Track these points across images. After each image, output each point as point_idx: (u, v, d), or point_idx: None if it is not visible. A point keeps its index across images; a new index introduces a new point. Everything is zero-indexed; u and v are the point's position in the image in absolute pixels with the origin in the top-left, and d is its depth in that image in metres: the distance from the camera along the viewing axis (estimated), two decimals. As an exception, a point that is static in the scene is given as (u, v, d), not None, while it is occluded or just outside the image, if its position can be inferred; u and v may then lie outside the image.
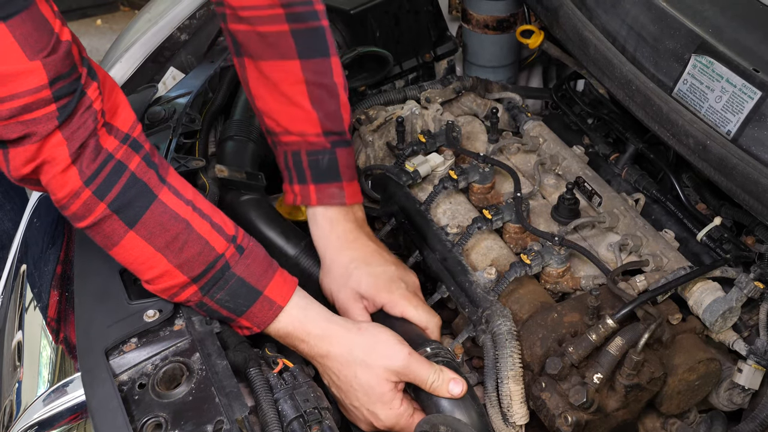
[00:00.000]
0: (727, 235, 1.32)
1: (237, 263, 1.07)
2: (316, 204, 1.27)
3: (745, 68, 1.17)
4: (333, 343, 1.11)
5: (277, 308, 1.09)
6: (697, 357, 1.18)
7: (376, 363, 1.09)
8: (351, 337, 1.11)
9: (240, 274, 1.07)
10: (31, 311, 1.28)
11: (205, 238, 1.05)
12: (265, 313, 1.09)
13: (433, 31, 1.75)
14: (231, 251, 1.07)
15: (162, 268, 1.04)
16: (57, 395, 1.12)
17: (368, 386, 1.09)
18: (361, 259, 1.24)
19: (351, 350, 1.10)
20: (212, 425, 0.96)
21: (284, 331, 1.11)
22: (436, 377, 1.09)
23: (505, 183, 1.48)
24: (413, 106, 1.58)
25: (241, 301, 1.08)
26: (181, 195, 1.06)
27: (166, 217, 1.03)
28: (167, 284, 1.06)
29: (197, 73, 1.61)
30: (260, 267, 1.10)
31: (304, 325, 1.11)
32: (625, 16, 1.37)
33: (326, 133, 1.26)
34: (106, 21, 4.64)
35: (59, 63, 0.93)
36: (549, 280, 1.30)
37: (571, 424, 1.11)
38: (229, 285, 1.07)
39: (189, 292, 1.07)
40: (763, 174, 1.15)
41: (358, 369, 1.10)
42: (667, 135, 1.31)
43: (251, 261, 1.09)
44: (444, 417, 1.11)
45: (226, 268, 1.06)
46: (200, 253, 1.05)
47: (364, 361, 1.09)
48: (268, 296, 1.08)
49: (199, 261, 1.05)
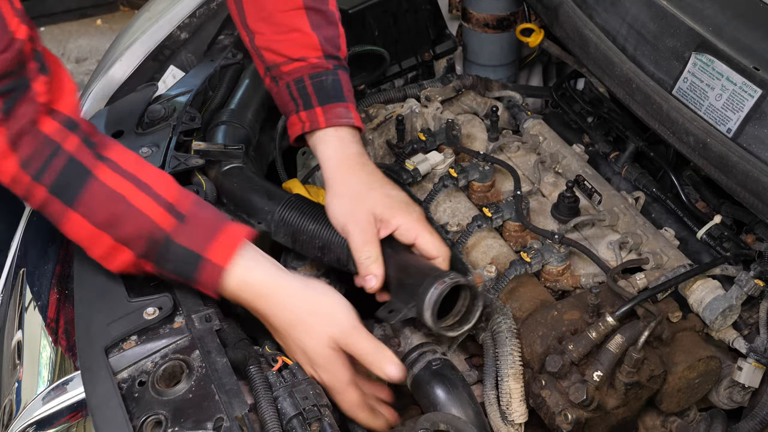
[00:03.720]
0: (727, 233, 1.32)
1: (178, 233, 1.08)
2: (325, 125, 1.25)
3: (745, 66, 1.17)
4: (278, 302, 1.11)
5: (220, 269, 1.08)
6: (697, 355, 1.18)
7: (316, 326, 1.09)
8: (296, 297, 1.11)
9: (182, 243, 1.07)
10: (31, 310, 1.28)
11: (145, 213, 1.06)
12: (210, 276, 1.09)
13: (431, 29, 1.75)
14: (171, 222, 1.07)
15: (107, 244, 1.06)
16: (56, 393, 1.12)
17: (309, 348, 1.09)
18: (376, 181, 1.23)
19: (294, 310, 1.10)
20: (212, 423, 0.96)
21: (234, 292, 1.11)
22: (376, 353, 1.09)
23: (505, 181, 1.48)
24: (413, 104, 1.58)
25: (189, 267, 1.08)
26: (121, 169, 1.07)
27: (103, 196, 1.05)
28: (124, 261, 1.08)
29: (197, 71, 1.61)
30: (202, 231, 1.09)
31: (249, 285, 1.11)
32: (625, 14, 1.37)
33: (327, 56, 1.27)
34: (106, 21, 4.64)
35: (9, 61, 0.97)
36: (549, 278, 1.30)
37: (570, 422, 1.11)
38: (173, 253, 1.08)
39: (148, 267, 1.09)
40: (764, 172, 1.15)
41: (300, 330, 1.10)
42: (667, 133, 1.31)
43: (192, 227, 1.09)
44: (444, 415, 1.11)
45: (168, 241, 1.07)
46: (141, 228, 1.06)
47: (306, 322, 1.10)
48: (211, 259, 1.08)
49: (142, 237, 1.06)
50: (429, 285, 1.09)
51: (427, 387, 1.19)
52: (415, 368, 1.23)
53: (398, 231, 1.19)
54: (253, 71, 1.53)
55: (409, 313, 1.12)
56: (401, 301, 1.14)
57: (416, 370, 1.22)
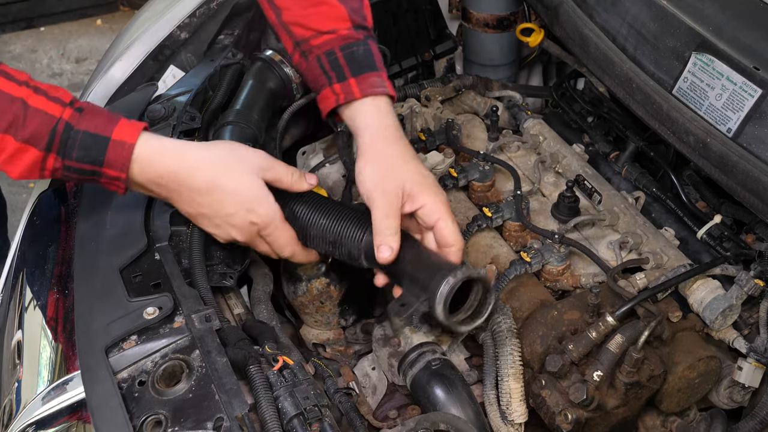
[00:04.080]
0: (727, 233, 1.32)
1: (79, 121, 1.11)
2: (360, 96, 1.25)
3: (746, 66, 1.17)
4: (196, 159, 1.15)
5: (129, 146, 1.12)
6: (697, 355, 1.18)
7: (243, 164, 1.16)
8: (211, 151, 1.17)
9: (84, 128, 1.11)
10: (31, 310, 1.28)
11: (42, 110, 1.10)
12: (120, 154, 1.12)
13: (432, 29, 1.75)
14: (69, 113, 1.11)
15: (12, 147, 1.09)
16: (56, 393, 1.12)
17: (243, 188, 1.15)
18: (411, 156, 1.23)
19: (214, 162, 1.15)
20: (212, 422, 0.96)
21: (144, 166, 1.13)
22: (293, 172, 1.18)
23: (505, 181, 1.48)
24: (413, 104, 1.58)
25: (95, 152, 1.11)
26: (13, 78, 1.11)
27: (2, 101, 1.08)
28: (27, 162, 1.10)
29: (197, 71, 1.61)
30: (103, 119, 1.13)
31: (161, 153, 1.14)
32: (625, 14, 1.37)
33: (356, 26, 1.28)
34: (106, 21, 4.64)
35: None
36: (549, 278, 1.30)
37: (571, 422, 1.11)
38: (79, 140, 1.11)
39: (50, 161, 1.11)
40: (764, 172, 1.15)
41: (227, 176, 1.14)
42: (667, 133, 1.31)
43: (92, 116, 1.13)
44: (444, 415, 1.11)
45: (69, 128, 1.10)
46: (41, 123, 1.09)
47: (230, 165, 1.15)
48: (117, 139, 1.12)
49: (43, 131, 1.09)
50: (441, 278, 1.09)
51: (426, 387, 1.19)
52: (415, 368, 1.23)
53: (422, 210, 1.19)
54: (256, 71, 1.53)
55: (420, 307, 1.12)
56: (413, 296, 1.14)
57: (416, 370, 1.23)
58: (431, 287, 1.09)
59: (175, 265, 1.18)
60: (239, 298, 1.31)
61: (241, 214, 1.15)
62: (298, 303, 1.42)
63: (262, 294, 1.35)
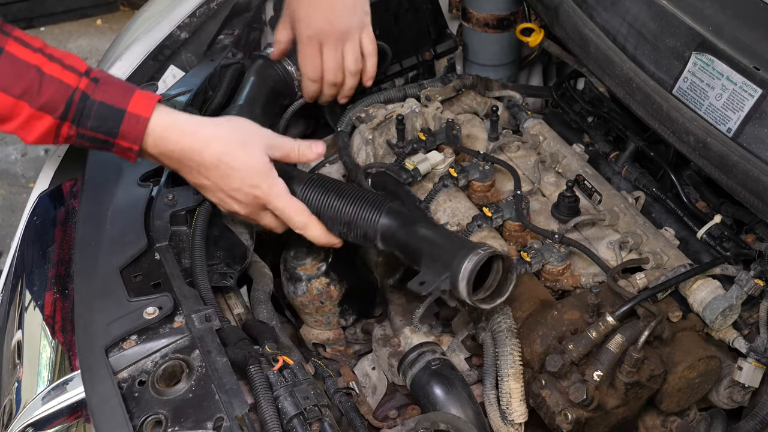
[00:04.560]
0: (727, 232, 1.32)
1: (94, 91, 1.14)
2: None
3: (746, 66, 1.17)
4: (207, 138, 1.19)
5: (144, 120, 1.15)
6: (697, 355, 1.18)
7: (251, 142, 1.21)
8: (222, 127, 1.21)
9: (100, 99, 1.14)
10: (31, 310, 1.28)
11: (58, 78, 1.12)
12: (135, 127, 1.15)
13: (432, 29, 1.75)
14: (85, 82, 1.14)
15: (27, 113, 1.11)
16: (56, 393, 1.12)
17: (249, 165, 1.19)
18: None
19: (224, 138, 1.19)
20: (212, 422, 0.96)
21: (159, 141, 1.17)
22: (299, 145, 1.25)
23: (505, 181, 1.48)
24: (413, 104, 1.57)
25: (111, 123, 1.14)
26: (29, 45, 1.12)
27: (18, 67, 1.10)
28: (42, 129, 1.13)
29: (197, 71, 1.61)
30: (119, 90, 1.16)
31: (175, 129, 1.17)
32: (625, 14, 1.37)
33: None
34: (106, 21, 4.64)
35: None
36: (549, 278, 1.30)
37: (571, 422, 1.11)
38: (95, 110, 1.14)
39: (65, 129, 1.14)
40: (764, 172, 1.15)
41: (235, 153, 1.18)
42: (667, 133, 1.31)
43: (108, 87, 1.15)
44: (444, 415, 1.11)
45: (85, 98, 1.13)
46: (57, 92, 1.12)
47: (239, 143, 1.20)
48: (132, 112, 1.15)
49: (58, 99, 1.12)
50: (464, 256, 1.08)
51: (426, 387, 1.20)
52: (415, 368, 1.23)
53: None
54: (258, 69, 1.53)
55: (442, 284, 1.12)
56: (434, 273, 1.13)
57: (416, 370, 1.23)
58: (454, 265, 1.09)
59: (175, 265, 1.19)
60: (239, 298, 1.31)
61: (246, 190, 1.20)
62: (298, 303, 1.42)
63: (262, 294, 1.35)
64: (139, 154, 1.18)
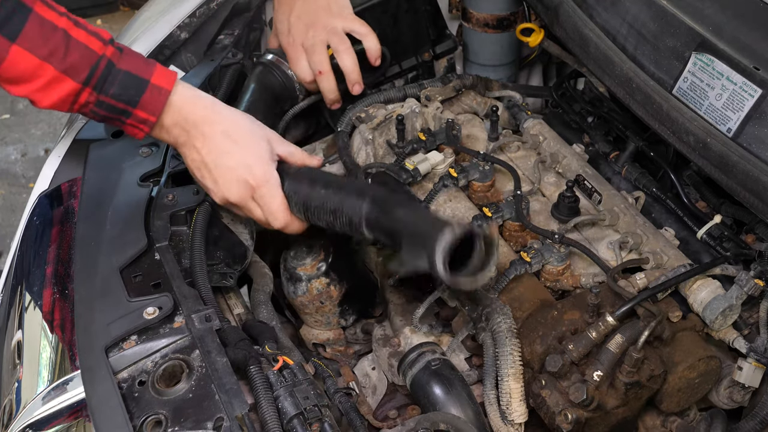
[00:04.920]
0: (727, 233, 1.32)
1: (120, 60, 1.17)
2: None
3: (746, 66, 1.17)
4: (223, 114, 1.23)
5: (165, 92, 1.18)
6: (697, 355, 1.18)
7: (261, 131, 1.26)
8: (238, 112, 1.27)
9: (125, 68, 1.17)
10: (31, 310, 1.28)
11: (84, 43, 1.14)
12: (156, 98, 1.18)
13: (431, 29, 1.75)
14: (111, 51, 1.16)
15: (50, 75, 1.12)
16: (56, 393, 1.12)
17: (251, 146, 1.22)
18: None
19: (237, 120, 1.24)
20: (212, 422, 0.96)
21: (176, 112, 1.20)
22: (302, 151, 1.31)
23: (505, 181, 1.48)
24: (413, 104, 1.57)
25: (133, 92, 1.17)
26: (54, 8, 1.14)
27: (45, 28, 1.11)
28: (62, 93, 1.14)
29: (197, 71, 1.61)
30: (142, 62, 1.19)
31: (195, 101, 1.22)
32: (625, 14, 1.37)
33: None
34: (106, 21, 4.64)
35: None
36: (549, 278, 1.30)
37: (571, 422, 1.11)
38: (119, 79, 1.16)
39: (84, 95, 1.15)
40: (764, 172, 1.15)
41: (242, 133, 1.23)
42: (667, 133, 1.31)
43: (132, 57, 1.19)
44: (444, 415, 1.11)
45: (111, 66, 1.15)
46: (82, 57, 1.13)
47: (249, 128, 1.25)
48: (155, 83, 1.18)
49: (83, 64, 1.13)
50: (439, 233, 1.07)
51: (426, 387, 1.20)
52: (415, 368, 1.23)
53: None
54: (258, 75, 1.53)
55: (420, 264, 1.10)
56: (413, 254, 1.12)
57: (416, 370, 1.23)
58: (429, 243, 1.08)
59: (175, 265, 1.19)
60: (239, 298, 1.31)
61: (240, 171, 1.21)
62: (298, 303, 1.43)
63: (262, 294, 1.35)
64: (152, 128, 1.20)
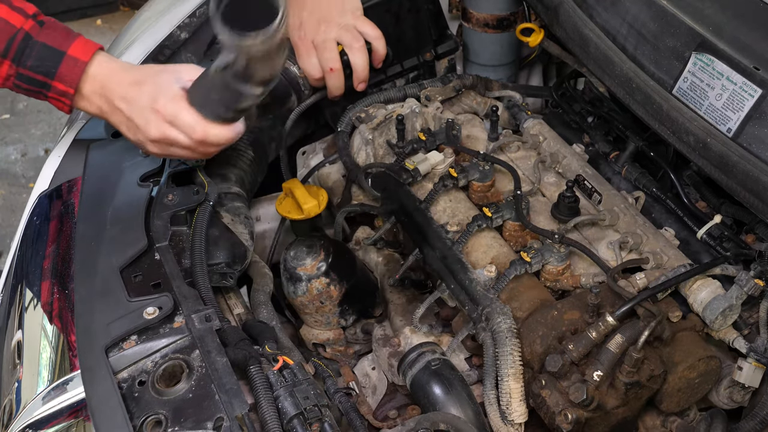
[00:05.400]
0: (727, 233, 1.32)
1: (39, 33, 1.21)
2: None
3: (746, 66, 1.17)
4: (134, 68, 1.28)
5: (81, 63, 1.22)
6: (697, 355, 1.18)
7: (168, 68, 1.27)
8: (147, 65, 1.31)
9: (42, 41, 1.21)
10: (31, 310, 1.28)
11: (4, 18, 1.19)
12: (72, 70, 1.22)
13: (433, 29, 1.75)
14: (30, 24, 1.21)
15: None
16: (56, 393, 1.12)
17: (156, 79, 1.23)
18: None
19: (148, 67, 1.28)
20: (212, 422, 0.96)
21: (94, 81, 1.23)
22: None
23: (505, 181, 1.48)
24: (413, 104, 1.58)
25: (49, 64, 1.21)
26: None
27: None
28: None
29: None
30: (62, 34, 1.23)
31: (111, 69, 1.24)
32: (625, 14, 1.37)
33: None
34: (106, 21, 4.64)
35: None
36: (549, 278, 1.30)
37: (570, 422, 1.11)
38: (35, 51, 1.21)
39: (5, 68, 1.21)
40: (764, 172, 1.15)
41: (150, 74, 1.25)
42: (667, 133, 1.31)
43: (52, 30, 1.23)
44: (444, 415, 1.11)
45: (28, 38, 1.20)
46: (1, 31, 1.19)
47: (158, 69, 1.27)
48: (72, 55, 1.22)
49: (2, 37, 1.19)
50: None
51: (426, 387, 1.20)
52: (415, 368, 1.23)
53: None
54: None
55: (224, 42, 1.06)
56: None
57: (416, 370, 1.23)
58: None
59: (175, 265, 1.19)
60: (239, 298, 1.31)
61: (150, 106, 1.22)
62: (298, 303, 1.42)
63: (262, 294, 1.35)
64: (74, 102, 1.24)
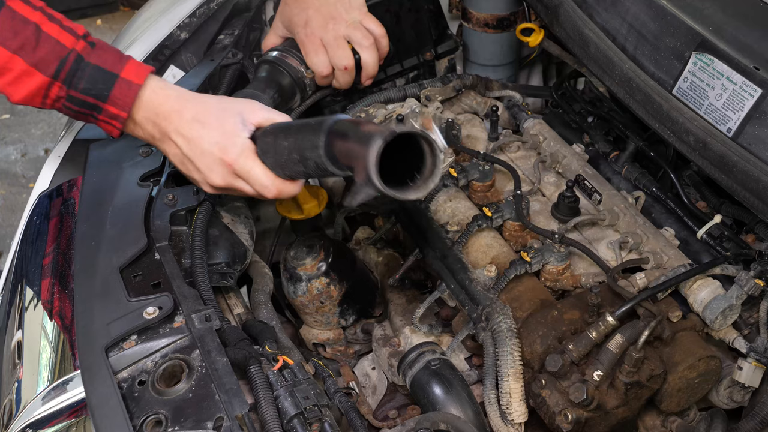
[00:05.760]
0: (727, 232, 1.32)
1: (90, 54, 1.17)
2: None
3: (746, 66, 1.17)
4: (189, 100, 1.21)
5: (135, 86, 1.18)
6: (697, 354, 1.18)
7: (228, 106, 1.21)
8: (206, 95, 1.26)
9: (94, 63, 1.17)
10: (31, 310, 1.28)
11: (55, 38, 1.16)
12: (126, 93, 1.18)
13: (433, 29, 1.75)
14: (82, 45, 1.17)
15: (20, 68, 1.14)
16: (56, 393, 1.12)
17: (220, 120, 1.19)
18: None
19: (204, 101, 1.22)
20: (212, 422, 0.96)
21: (147, 106, 1.19)
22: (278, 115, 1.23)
23: (505, 181, 1.48)
24: (413, 104, 1.57)
25: (102, 86, 1.18)
26: (30, 2, 1.16)
27: (16, 21, 1.13)
28: (32, 87, 1.16)
29: (197, 71, 1.61)
30: (113, 56, 1.20)
31: (165, 95, 1.20)
32: (625, 14, 1.37)
33: None
34: (106, 21, 4.64)
35: None
36: (549, 278, 1.30)
37: (571, 422, 1.11)
38: (87, 73, 1.17)
39: (55, 90, 1.17)
40: (764, 171, 1.15)
41: (210, 113, 1.19)
42: (667, 133, 1.31)
43: (103, 52, 1.19)
44: (444, 415, 1.11)
45: (80, 60, 1.16)
46: (52, 51, 1.15)
47: (216, 106, 1.21)
48: (125, 78, 1.18)
49: (53, 58, 1.15)
50: (367, 144, 0.96)
51: (426, 387, 1.20)
52: (415, 368, 1.23)
53: None
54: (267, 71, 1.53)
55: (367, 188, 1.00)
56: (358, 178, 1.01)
57: (415, 370, 1.23)
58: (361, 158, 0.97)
59: (175, 265, 1.19)
60: (239, 298, 1.31)
61: (214, 152, 1.18)
62: (298, 303, 1.43)
63: (262, 294, 1.35)
64: (125, 125, 1.20)
